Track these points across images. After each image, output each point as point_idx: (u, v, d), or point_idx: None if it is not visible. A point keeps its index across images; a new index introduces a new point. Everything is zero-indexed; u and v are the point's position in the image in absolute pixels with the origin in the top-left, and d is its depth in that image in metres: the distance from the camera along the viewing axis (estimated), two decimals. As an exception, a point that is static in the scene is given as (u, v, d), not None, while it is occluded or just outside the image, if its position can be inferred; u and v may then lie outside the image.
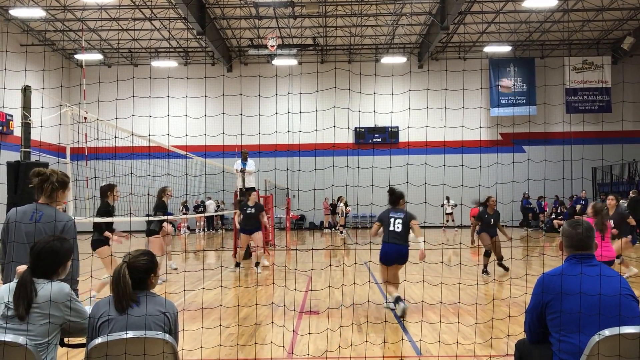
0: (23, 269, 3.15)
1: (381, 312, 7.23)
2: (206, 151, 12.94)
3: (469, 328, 6.12)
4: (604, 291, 3.09)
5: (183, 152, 11.29)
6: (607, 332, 2.92)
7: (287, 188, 25.31)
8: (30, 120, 5.86)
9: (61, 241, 3.23)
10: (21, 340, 2.85)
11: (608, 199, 9.95)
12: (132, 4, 22.11)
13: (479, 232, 10.63)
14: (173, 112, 22.04)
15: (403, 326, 6.55)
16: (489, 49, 26.86)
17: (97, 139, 7.84)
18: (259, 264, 11.54)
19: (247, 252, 13.56)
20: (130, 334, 2.87)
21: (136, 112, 5.95)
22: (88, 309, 3.15)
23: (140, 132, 8.66)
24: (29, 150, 5.84)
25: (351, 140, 27.99)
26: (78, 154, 7.79)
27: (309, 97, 26.05)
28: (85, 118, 7.59)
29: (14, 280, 3.11)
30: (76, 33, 25.12)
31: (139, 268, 3.09)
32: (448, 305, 7.52)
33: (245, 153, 14.20)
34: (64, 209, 4.92)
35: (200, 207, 26.03)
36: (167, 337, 2.93)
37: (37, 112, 6.13)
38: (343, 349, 5.41)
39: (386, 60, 27.58)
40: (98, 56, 27.52)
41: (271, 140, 21.30)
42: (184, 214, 21.56)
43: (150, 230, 10.05)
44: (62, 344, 3.31)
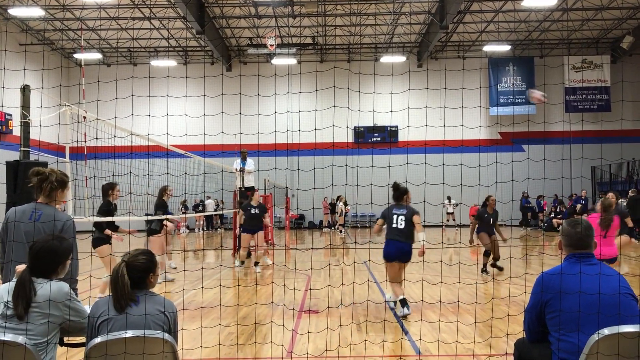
0: (22, 269, 3.15)
1: (380, 311, 7.23)
2: (205, 150, 12.95)
3: (469, 327, 6.12)
4: (603, 290, 3.10)
5: (182, 152, 11.28)
6: (607, 331, 2.92)
7: (287, 187, 25.29)
8: (29, 119, 5.85)
9: (60, 240, 3.23)
10: (20, 339, 2.84)
11: (607, 196, 9.96)
12: (131, 3, 22.09)
13: (478, 232, 10.63)
14: (172, 112, 21.88)
15: (402, 325, 6.55)
16: (488, 48, 26.86)
17: (97, 138, 7.83)
18: (258, 264, 11.54)
19: (248, 251, 13.56)
20: (129, 334, 2.87)
21: (135, 112, 5.94)
22: (87, 309, 3.15)
23: (139, 132, 8.66)
24: (28, 149, 5.83)
25: (350, 139, 27.99)
26: (77, 153, 7.78)
27: (309, 97, 26.03)
28: (84, 117, 7.58)
29: (13, 279, 3.11)
30: (75, 32, 25.09)
31: (138, 267, 3.09)
32: (447, 304, 7.52)
33: (244, 152, 14.20)
34: (64, 209, 4.92)
35: (199, 207, 26.04)
36: (167, 337, 2.92)
37: (36, 112, 6.12)
38: (342, 348, 5.42)
39: (385, 59, 27.57)
40: (97, 55, 27.50)
41: (270, 139, 21.24)
42: (184, 214, 21.55)
43: (151, 229, 10.05)
44: (62, 344, 3.31)
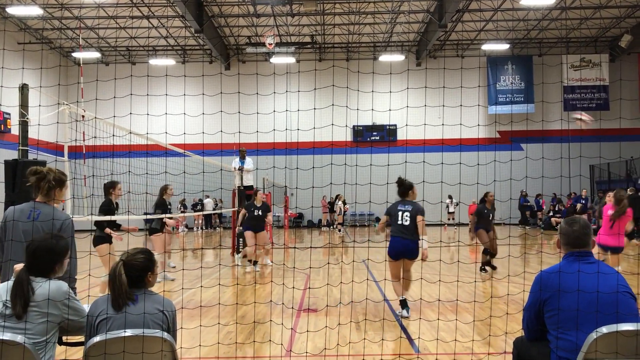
0: (20, 268, 3.15)
1: (379, 310, 7.24)
2: (204, 149, 12.95)
3: (467, 326, 6.13)
4: (602, 288, 3.10)
5: (181, 150, 11.28)
6: (605, 330, 2.93)
7: (285, 186, 25.30)
8: (27, 118, 5.84)
9: (57, 238, 3.22)
10: (19, 338, 2.84)
11: (607, 196, 9.98)
12: (130, 2, 22.06)
13: (477, 229, 10.62)
14: (171, 110, 22.01)
15: (401, 324, 6.56)
16: (487, 47, 26.86)
17: (95, 137, 7.82)
18: (257, 263, 11.54)
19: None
20: (128, 332, 2.87)
21: (134, 110, 5.94)
22: (86, 307, 3.15)
23: (138, 130, 8.64)
24: (27, 148, 5.82)
25: (349, 138, 28.00)
26: (76, 152, 7.77)
27: (307, 95, 26.02)
28: (83, 116, 7.57)
29: (12, 278, 3.11)
30: (74, 31, 25.05)
31: (136, 266, 3.09)
32: (446, 302, 7.53)
33: (243, 151, 14.20)
34: (62, 208, 4.91)
35: (198, 206, 26.04)
36: (166, 336, 2.93)
37: (35, 111, 6.11)
38: (341, 347, 5.42)
39: (384, 58, 27.57)
40: (96, 54, 27.47)
41: (269, 138, 21.32)
42: (182, 212, 21.55)
43: (151, 228, 10.04)
44: (61, 343, 3.31)
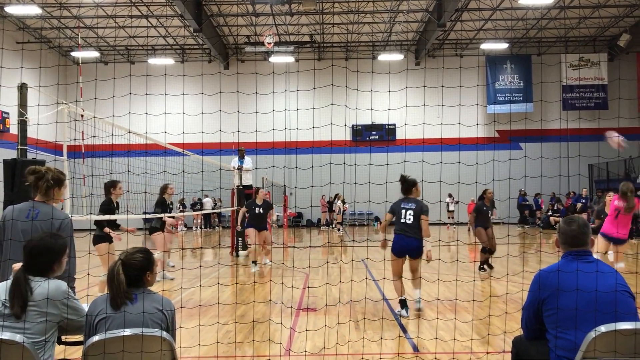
0: (18, 267, 3.15)
1: (378, 309, 7.24)
2: (203, 148, 12.93)
3: (466, 325, 6.14)
4: (600, 288, 3.11)
5: (180, 150, 11.27)
6: (603, 329, 2.93)
7: (285, 185, 25.31)
8: (26, 118, 5.84)
9: (54, 237, 3.22)
10: (18, 338, 2.84)
11: (607, 197, 9.99)
12: (129, 2, 22.04)
13: (476, 226, 10.61)
14: (170, 110, 21.87)
15: (400, 323, 6.56)
16: (486, 46, 26.88)
17: (94, 137, 7.81)
18: (257, 262, 11.53)
19: (245, 248, 13.57)
20: (127, 332, 2.87)
21: (133, 110, 5.94)
22: (85, 307, 3.15)
23: (137, 130, 8.65)
24: (26, 148, 5.83)
25: (348, 137, 28.00)
26: (75, 152, 7.77)
27: (306, 95, 26.03)
28: (81, 115, 7.57)
29: (10, 278, 3.11)
30: (72, 30, 25.03)
31: (134, 266, 3.08)
32: (445, 302, 7.53)
33: (242, 150, 14.21)
34: (62, 207, 4.92)
35: (197, 205, 26.04)
36: (165, 335, 2.93)
37: (34, 110, 6.11)
38: (340, 346, 5.43)
39: (383, 57, 27.57)
40: (94, 53, 27.44)
41: (268, 137, 21.31)
42: (181, 212, 21.55)
43: (152, 227, 10.04)
44: (60, 342, 3.31)
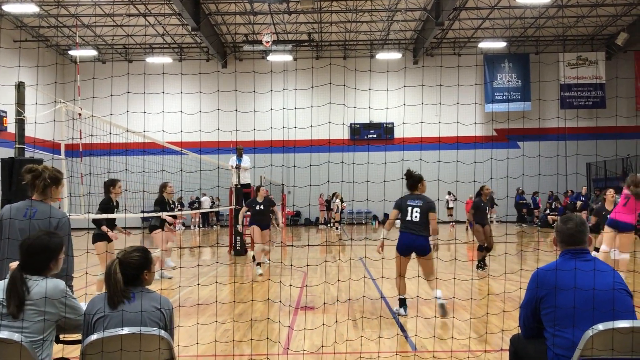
0: (15, 266, 3.14)
1: (377, 308, 7.25)
2: (201, 147, 12.93)
3: (464, 323, 6.15)
4: (598, 286, 3.12)
5: (178, 149, 11.27)
6: (601, 327, 2.94)
7: (283, 184, 25.30)
8: (24, 116, 5.83)
9: (50, 236, 3.21)
10: (16, 337, 2.84)
11: (608, 193, 10.04)
12: (126, 0, 22.01)
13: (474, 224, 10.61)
14: (168, 108, 21.99)
15: (398, 321, 6.57)
16: (484, 45, 26.89)
17: (92, 135, 7.81)
18: (261, 265, 11.51)
19: (244, 249, 13.57)
20: (125, 331, 2.87)
21: (131, 109, 5.93)
22: (83, 306, 3.15)
23: (135, 129, 8.64)
24: (23, 146, 5.82)
25: (346, 136, 28.00)
26: (73, 151, 7.75)
27: (304, 93, 26.01)
28: (79, 114, 7.56)
29: (7, 277, 3.10)
30: (70, 29, 24.98)
31: (132, 264, 3.08)
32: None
33: (240, 149, 14.20)
34: (59, 206, 4.91)
35: (195, 204, 26.01)
36: (163, 334, 2.93)
37: (31, 109, 6.09)
38: (338, 345, 5.43)
39: (381, 56, 27.56)
40: (92, 52, 27.38)
41: (266, 136, 21.30)
42: (179, 211, 21.54)
43: (151, 226, 10.02)
44: (58, 341, 3.31)
